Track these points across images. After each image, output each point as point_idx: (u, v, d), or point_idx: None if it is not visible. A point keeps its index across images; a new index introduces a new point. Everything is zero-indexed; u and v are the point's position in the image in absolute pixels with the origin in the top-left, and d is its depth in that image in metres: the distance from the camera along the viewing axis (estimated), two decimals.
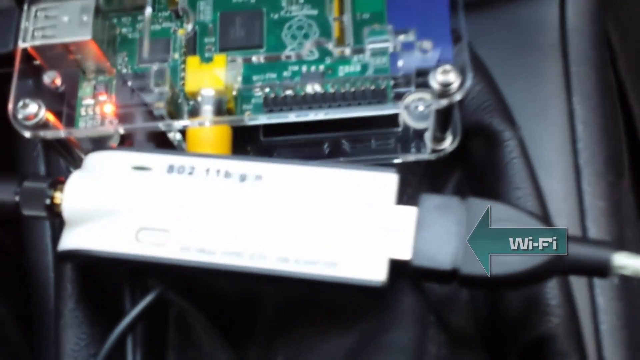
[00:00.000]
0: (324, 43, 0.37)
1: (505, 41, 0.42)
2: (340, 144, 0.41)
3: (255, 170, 0.31)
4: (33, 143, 0.44)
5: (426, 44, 0.35)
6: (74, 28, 0.37)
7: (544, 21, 0.41)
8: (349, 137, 0.40)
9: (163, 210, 0.31)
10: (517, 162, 0.36)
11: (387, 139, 0.40)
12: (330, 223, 0.30)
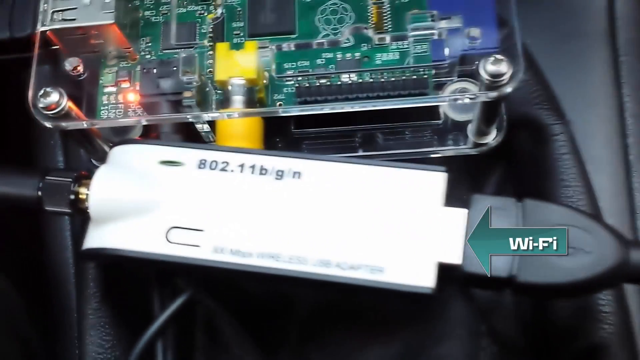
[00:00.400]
0: (363, 29, 0.34)
1: (549, 28, 0.39)
2: (373, 137, 0.39)
3: (294, 167, 0.29)
4: (50, 131, 0.42)
5: (474, 31, 0.32)
6: (96, 11, 0.35)
7: (591, 7, 0.39)
8: (383, 129, 0.38)
9: (195, 208, 0.29)
10: (567, 159, 0.33)
11: (423, 131, 0.38)
12: (374, 225, 0.28)
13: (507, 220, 0.27)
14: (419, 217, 0.28)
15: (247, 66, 0.34)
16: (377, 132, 0.38)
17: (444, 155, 0.37)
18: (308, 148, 0.39)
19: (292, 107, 0.34)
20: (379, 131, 0.38)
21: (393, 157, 0.38)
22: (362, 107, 0.34)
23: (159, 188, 0.30)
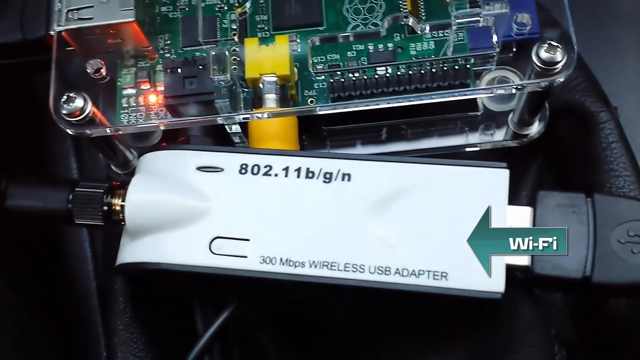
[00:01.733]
0: (403, 18, 0.33)
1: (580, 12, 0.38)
2: (407, 130, 0.37)
3: (343, 169, 0.28)
4: (62, 137, 0.40)
5: (525, 17, 0.31)
6: (115, 9, 0.32)
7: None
8: (417, 122, 0.37)
9: (239, 216, 0.28)
10: (616, 147, 0.32)
11: (460, 123, 0.37)
12: (435, 227, 0.26)
13: (576, 217, 0.26)
14: (482, 217, 0.26)
15: (279, 62, 0.32)
16: (410, 125, 0.37)
17: (481, 149, 0.35)
18: (336, 144, 0.37)
19: (329, 105, 0.32)
20: (412, 125, 0.37)
21: (428, 152, 0.36)
22: (402, 102, 0.32)
23: (199, 196, 0.28)
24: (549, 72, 0.29)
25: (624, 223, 0.25)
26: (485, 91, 0.31)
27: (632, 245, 0.25)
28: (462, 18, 0.31)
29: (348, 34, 0.33)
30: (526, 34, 0.31)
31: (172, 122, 0.32)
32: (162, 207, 0.28)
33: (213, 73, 0.31)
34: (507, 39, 0.32)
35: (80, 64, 0.34)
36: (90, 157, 0.39)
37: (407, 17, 0.32)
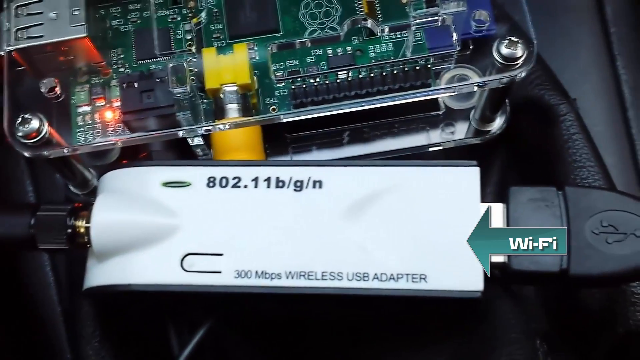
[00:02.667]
0: (362, 21, 0.32)
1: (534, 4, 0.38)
2: (370, 134, 0.37)
3: (314, 176, 0.27)
4: (15, 159, 0.38)
5: (482, 14, 0.31)
6: (65, 25, 0.32)
7: None
8: (380, 125, 0.37)
9: (210, 231, 0.27)
10: (578, 139, 0.32)
11: (422, 123, 0.37)
12: (410, 230, 0.26)
13: (549, 211, 0.26)
14: (456, 217, 0.26)
15: (239, 71, 0.32)
16: (372, 128, 0.37)
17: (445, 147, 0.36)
18: (299, 151, 0.37)
19: (293, 112, 0.31)
20: (374, 127, 0.36)
21: (392, 153, 0.36)
22: (365, 106, 0.32)
23: (167, 212, 0.27)
24: (510, 67, 0.30)
25: (596, 214, 0.26)
26: (447, 90, 0.31)
27: (607, 236, 0.25)
28: (420, 18, 0.31)
29: (307, 39, 0.33)
30: (484, 31, 0.31)
31: (133, 138, 0.31)
32: (129, 226, 0.27)
33: (172, 85, 0.31)
34: (465, 36, 0.32)
35: (33, 84, 0.33)
36: (46, 178, 0.37)
37: (365, 20, 0.32)
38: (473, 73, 0.34)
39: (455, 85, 0.31)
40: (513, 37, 0.29)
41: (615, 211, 0.26)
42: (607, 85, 0.36)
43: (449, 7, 0.30)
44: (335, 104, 0.31)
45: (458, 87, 0.31)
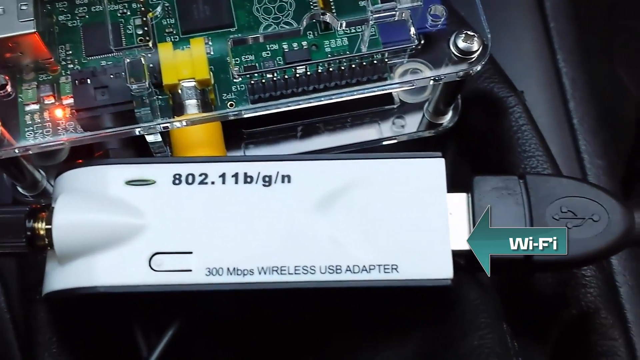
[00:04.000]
0: (320, 15, 0.32)
1: None
2: (327, 128, 0.37)
3: (282, 170, 0.27)
4: None
5: (438, 9, 0.31)
6: (12, 20, 0.30)
7: None
8: (336, 119, 0.37)
9: (178, 229, 0.26)
10: (526, 130, 0.34)
11: (376, 117, 0.37)
12: (379, 221, 0.27)
13: (512, 199, 0.27)
14: (424, 207, 0.27)
15: (197, 66, 0.31)
16: (327, 123, 0.37)
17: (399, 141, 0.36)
18: (254, 145, 0.37)
19: (253, 107, 0.31)
20: (329, 122, 0.37)
21: (347, 147, 0.36)
22: (324, 100, 0.32)
23: (132, 211, 0.27)
24: (465, 61, 0.30)
25: (556, 200, 0.27)
26: (405, 84, 0.32)
27: (566, 221, 0.26)
28: (378, 13, 0.31)
29: (266, 34, 0.33)
30: (439, 25, 0.32)
31: (89, 136, 0.30)
32: (93, 226, 0.26)
33: (130, 82, 0.30)
34: (420, 31, 0.33)
35: None
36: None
37: (324, 15, 0.32)
38: (424, 66, 0.34)
39: (413, 79, 0.32)
40: (469, 32, 0.30)
41: (573, 197, 0.27)
42: (549, 77, 0.38)
43: (406, 2, 0.31)
44: (294, 99, 0.31)
45: (416, 80, 0.31)
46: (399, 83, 0.32)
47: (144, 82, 0.30)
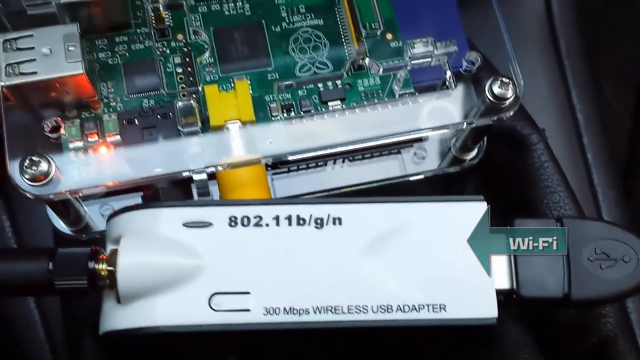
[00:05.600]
0: (361, 60, 0.34)
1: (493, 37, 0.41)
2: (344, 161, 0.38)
3: (333, 213, 0.28)
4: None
5: (472, 55, 0.33)
6: (60, 61, 0.31)
7: (531, 14, 0.41)
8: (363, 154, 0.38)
9: (236, 270, 0.28)
10: (549, 166, 0.35)
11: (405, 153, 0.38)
12: (428, 262, 0.28)
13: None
14: (468, 249, 0.28)
15: (243, 108, 0.32)
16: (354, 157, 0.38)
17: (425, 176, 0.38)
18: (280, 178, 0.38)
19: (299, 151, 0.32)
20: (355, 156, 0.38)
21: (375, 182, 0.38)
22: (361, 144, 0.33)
23: (191, 253, 0.28)
24: (499, 106, 0.32)
25: (591, 242, 0.28)
26: (439, 129, 0.33)
27: (600, 262, 0.28)
28: (416, 59, 0.32)
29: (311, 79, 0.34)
30: (474, 69, 0.33)
31: (139, 178, 0.31)
32: (155, 269, 0.27)
33: (181, 124, 0.31)
34: None
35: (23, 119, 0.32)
36: (24, 213, 0.37)
37: (363, 59, 0.34)
38: (449, 103, 0.36)
39: (448, 124, 0.33)
40: (504, 79, 0.31)
41: (606, 240, 0.28)
42: (564, 113, 0.40)
43: (442, 48, 0.32)
44: (333, 142, 0.33)
45: (452, 125, 0.33)
46: (434, 128, 0.33)
47: (195, 125, 0.31)
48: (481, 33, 0.38)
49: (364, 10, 0.36)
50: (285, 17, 0.36)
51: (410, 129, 0.33)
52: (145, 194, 0.32)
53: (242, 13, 0.36)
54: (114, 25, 0.35)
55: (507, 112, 0.32)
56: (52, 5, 0.32)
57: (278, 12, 0.36)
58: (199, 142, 0.32)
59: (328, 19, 0.36)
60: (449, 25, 0.37)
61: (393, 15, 0.36)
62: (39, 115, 0.32)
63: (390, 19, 0.36)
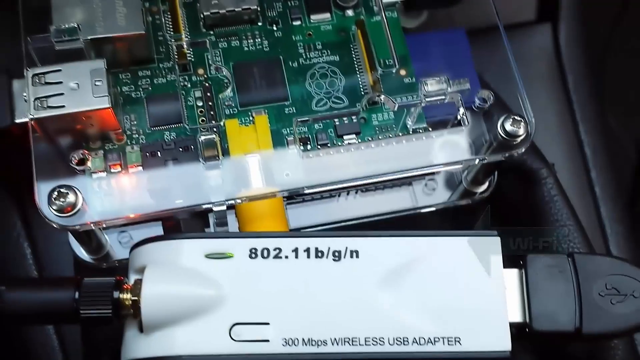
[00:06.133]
0: (377, 97, 0.35)
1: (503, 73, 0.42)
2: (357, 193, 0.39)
3: (350, 246, 0.29)
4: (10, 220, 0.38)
5: (485, 93, 0.34)
6: (87, 96, 0.32)
7: (539, 52, 0.42)
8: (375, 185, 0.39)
9: (256, 301, 0.28)
10: (558, 200, 0.36)
11: (417, 185, 0.39)
12: (442, 295, 0.29)
13: (562, 276, 0.29)
14: (483, 282, 0.29)
15: (262, 142, 0.33)
16: (366, 189, 0.39)
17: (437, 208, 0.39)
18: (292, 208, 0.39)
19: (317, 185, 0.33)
20: (367, 188, 0.39)
21: (387, 214, 0.39)
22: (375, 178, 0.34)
23: (213, 284, 0.28)
24: (510, 143, 0.33)
25: (601, 278, 0.29)
26: (452, 164, 0.34)
27: (611, 297, 0.29)
28: (430, 97, 0.33)
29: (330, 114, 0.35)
30: (487, 107, 0.34)
31: (161, 210, 0.32)
32: (178, 299, 0.28)
33: (204, 158, 0.32)
34: None
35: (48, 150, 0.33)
36: (44, 240, 0.37)
37: (379, 96, 0.35)
38: (461, 138, 0.37)
39: (461, 160, 0.34)
40: (516, 116, 0.32)
41: (616, 275, 0.29)
42: (572, 147, 0.41)
43: (456, 87, 0.33)
44: (349, 177, 0.33)
45: (464, 161, 0.34)
46: (446, 163, 0.34)
47: (216, 158, 0.32)
48: (491, 67, 0.39)
49: (379, 46, 0.37)
50: (303, 53, 0.37)
51: (423, 164, 0.34)
52: (166, 225, 0.33)
53: (261, 49, 0.37)
54: (138, 60, 0.36)
55: (518, 148, 0.33)
56: (80, 42, 0.33)
57: (295, 49, 0.37)
58: (220, 174, 0.33)
59: (344, 55, 0.37)
60: (461, 62, 0.38)
61: (407, 52, 0.37)
62: (63, 147, 0.33)
63: (404, 56, 0.37)
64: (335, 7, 0.38)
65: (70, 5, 0.34)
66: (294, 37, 0.37)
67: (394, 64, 0.36)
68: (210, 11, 0.36)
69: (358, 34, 0.37)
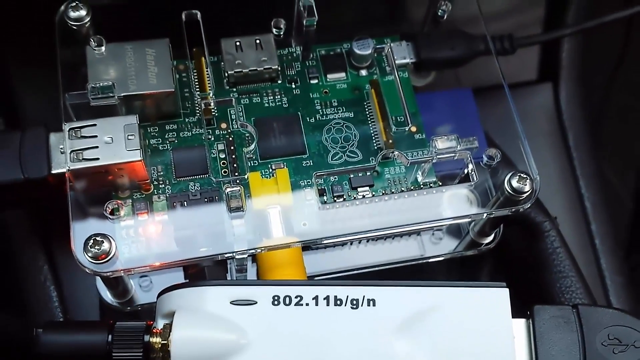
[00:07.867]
0: (391, 153, 0.37)
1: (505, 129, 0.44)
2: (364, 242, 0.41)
3: (368, 295, 0.31)
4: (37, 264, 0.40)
5: (492, 151, 0.36)
6: (121, 149, 0.34)
7: (543, 109, 0.45)
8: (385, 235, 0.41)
9: (278, 346, 0.30)
10: (561, 252, 0.38)
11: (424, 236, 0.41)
12: (454, 343, 0.30)
13: (567, 326, 0.31)
14: (492, 332, 0.31)
15: (283, 194, 0.35)
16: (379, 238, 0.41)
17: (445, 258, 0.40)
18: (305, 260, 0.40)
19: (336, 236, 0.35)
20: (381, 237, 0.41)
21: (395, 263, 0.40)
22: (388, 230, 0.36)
23: (237, 330, 0.30)
24: (516, 198, 0.35)
25: (604, 328, 0.31)
26: (461, 218, 0.36)
27: (613, 347, 0.31)
28: (441, 154, 0.36)
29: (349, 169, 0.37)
30: (494, 164, 0.36)
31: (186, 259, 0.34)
32: (205, 343, 0.30)
33: (229, 208, 0.34)
34: None
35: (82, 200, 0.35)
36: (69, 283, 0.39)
37: (393, 152, 0.37)
38: (469, 193, 0.39)
39: (470, 214, 0.36)
40: (522, 174, 0.34)
41: (618, 326, 0.31)
42: (573, 201, 0.43)
43: (465, 145, 0.36)
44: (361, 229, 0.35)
45: (472, 215, 0.36)
46: (455, 217, 0.36)
47: (242, 210, 0.34)
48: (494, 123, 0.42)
49: (391, 104, 0.39)
50: (320, 110, 0.39)
51: (433, 218, 0.36)
52: (188, 271, 0.35)
53: (280, 105, 0.39)
54: (165, 115, 0.38)
55: (524, 204, 0.35)
56: (114, 98, 0.35)
57: (313, 105, 0.39)
58: (243, 224, 0.35)
59: (358, 112, 0.39)
60: (468, 120, 0.40)
61: (417, 110, 0.39)
62: (95, 196, 0.35)
63: (414, 113, 0.39)
64: (350, 67, 0.40)
65: (105, 63, 0.36)
66: (312, 95, 0.39)
67: (406, 121, 0.39)
68: (234, 70, 0.38)
69: (372, 92, 0.40)
